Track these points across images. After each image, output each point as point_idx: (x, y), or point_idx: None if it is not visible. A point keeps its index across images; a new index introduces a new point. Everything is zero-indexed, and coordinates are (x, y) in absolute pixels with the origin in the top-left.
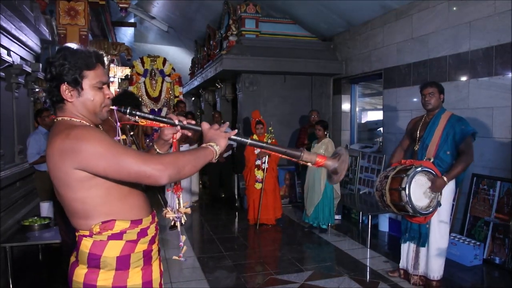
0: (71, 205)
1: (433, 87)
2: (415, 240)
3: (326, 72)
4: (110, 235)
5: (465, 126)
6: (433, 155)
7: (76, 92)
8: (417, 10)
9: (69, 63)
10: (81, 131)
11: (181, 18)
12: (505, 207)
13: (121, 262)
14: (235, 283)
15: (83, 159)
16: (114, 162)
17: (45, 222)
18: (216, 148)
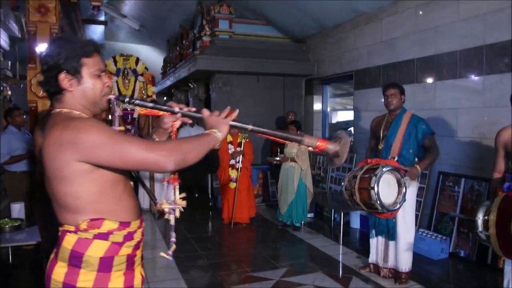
0: (63, 198)
1: (395, 88)
2: (384, 234)
3: (298, 73)
4: (96, 234)
5: (426, 126)
6: (397, 154)
7: (75, 81)
8: (386, 14)
9: (67, 51)
10: (80, 122)
11: (153, 17)
12: (469, 203)
13: (104, 263)
14: (212, 281)
15: (85, 150)
16: (117, 151)
17: (17, 223)
18: (218, 134)
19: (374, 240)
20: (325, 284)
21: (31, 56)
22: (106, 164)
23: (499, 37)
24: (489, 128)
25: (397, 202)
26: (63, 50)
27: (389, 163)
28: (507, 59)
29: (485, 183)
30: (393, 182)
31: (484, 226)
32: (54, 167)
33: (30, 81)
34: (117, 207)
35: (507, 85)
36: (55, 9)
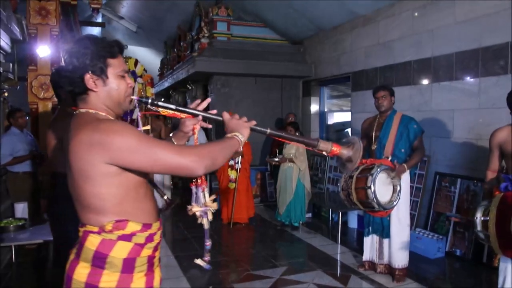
0: (87, 199)
1: (385, 90)
2: (378, 232)
3: (296, 74)
4: (120, 235)
5: (417, 126)
6: (390, 153)
7: (101, 81)
8: (383, 17)
9: (93, 52)
10: (110, 123)
11: (151, 19)
12: (465, 203)
13: (127, 264)
14: (213, 280)
15: (115, 152)
16: (149, 155)
17: (21, 223)
18: (241, 138)
19: (368, 238)
20: (324, 282)
21: (32, 58)
22: (134, 167)
23: (495, 40)
24: (485, 130)
25: (392, 200)
26: (89, 50)
27: (384, 163)
28: (503, 62)
29: (481, 184)
30: (388, 181)
31: (483, 225)
32: (81, 167)
33: (31, 83)
34: (139, 209)
35: (503, 87)
36: (56, 11)
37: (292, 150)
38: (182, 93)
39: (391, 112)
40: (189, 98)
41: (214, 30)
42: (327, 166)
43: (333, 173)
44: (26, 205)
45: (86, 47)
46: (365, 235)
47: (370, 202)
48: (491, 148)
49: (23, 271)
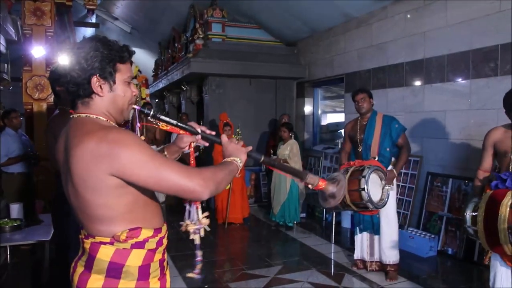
0: (95, 210)
1: (364, 93)
2: (369, 229)
3: (290, 76)
4: (133, 243)
5: (398, 125)
6: (377, 153)
7: (107, 86)
8: (376, 19)
9: (103, 54)
10: (120, 135)
11: (145, 20)
12: (457, 202)
13: (143, 271)
14: (209, 279)
15: (122, 166)
16: (156, 174)
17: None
18: (239, 163)
19: (359, 236)
20: (318, 281)
21: (27, 59)
22: (139, 184)
23: (485, 42)
24: (476, 130)
25: (383, 198)
26: (99, 52)
27: (372, 163)
28: (493, 64)
29: (472, 183)
30: (377, 180)
31: (472, 221)
32: (87, 178)
33: (26, 84)
34: (148, 214)
35: (493, 88)
36: (51, 12)
37: (286, 151)
38: (176, 94)
39: (372, 113)
40: (183, 99)
41: (209, 31)
42: (321, 166)
43: (326, 174)
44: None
45: (96, 49)
46: (356, 234)
47: (364, 203)
48: (485, 147)
49: (19, 272)
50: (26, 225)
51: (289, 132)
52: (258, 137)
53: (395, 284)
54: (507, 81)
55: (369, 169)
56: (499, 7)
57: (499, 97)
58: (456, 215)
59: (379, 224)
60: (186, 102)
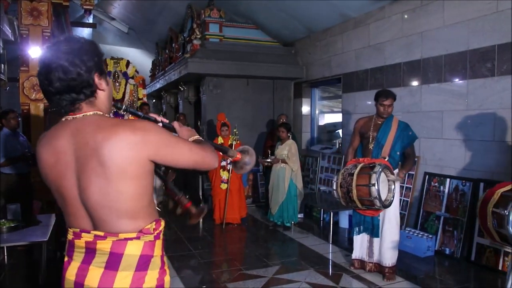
0: (125, 202)
1: (392, 98)
2: (368, 231)
3: (287, 76)
4: (156, 235)
5: (412, 133)
6: (388, 154)
7: (104, 81)
8: (374, 20)
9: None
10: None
11: (142, 20)
12: (454, 202)
13: (162, 259)
14: (206, 279)
15: (156, 148)
16: (182, 150)
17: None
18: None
19: (358, 237)
20: (317, 281)
21: (23, 59)
22: (167, 161)
23: (482, 43)
24: (473, 130)
25: (388, 199)
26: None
27: (382, 162)
28: (490, 64)
29: (469, 183)
30: (385, 180)
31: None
32: (127, 167)
33: (23, 84)
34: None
35: (490, 89)
36: (48, 12)
37: (284, 151)
38: (174, 94)
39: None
40: (181, 99)
41: (206, 31)
42: (319, 167)
43: (324, 174)
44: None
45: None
46: (355, 234)
47: (371, 200)
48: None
49: (16, 273)
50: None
51: (287, 132)
52: (255, 137)
53: (393, 284)
54: (504, 81)
55: (380, 166)
56: (496, 7)
57: (496, 98)
58: (454, 215)
59: (379, 227)
60: (183, 102)
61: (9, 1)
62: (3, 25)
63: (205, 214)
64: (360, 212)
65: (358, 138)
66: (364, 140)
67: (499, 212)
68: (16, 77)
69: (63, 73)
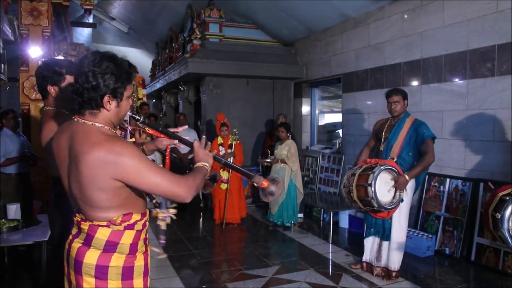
0: (97, 202)
1: (398, 95)
2: (379, 234)
3: (287, 76)
4: (126, 226)
5: (426, 130)
6: (397, 155)
7: (115, 103)
8: (373, 19)
9: (116, 76)
10: (122, 146)
11: (142, 20)
12: (454, 202)
13: (132, 248)
14: (206, 279)
15: (127, 173)
16: (153, 181)
17: (14, 224)
18: (208, 167)
19: (369, 239)
20: (316, 281)
21: (23, 59)
22: (138, 187)
23: (482, 43)
24: (473, 130)
25: (393, 201)
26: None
27: (388, 163)
28: (490, 64)
29: (469, 183)
30: (390, 181)
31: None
32: (95, 180)
33: (23, 84)
34: (138, 201)
35: (490, 89)
36: (48, 12)
37: (284, 151)
38: (174, 94)
39: (404, 115)
40: (181, 99)
41: (206, 31)
42: (319, 167)
43: (324, 174)
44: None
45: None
46: (366, 236)
47: (369, 201)
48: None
49: (16, 273)
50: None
51: (287, 132)
52: (255, 137)
53: (393, 284)
54: (504, 81)
55: (381, 167)
56: (496, 7)
57: (496, 97)
58: (454, 215)
59: (390, 230)
60: (183, 102)
61: (9, 1)
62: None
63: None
64: (372, 214)
65: (374, 139)
66: (378, 142)
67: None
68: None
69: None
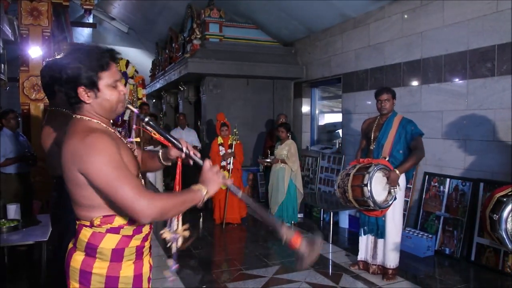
0: (77, 198)
1: (388, 93)
2: (373, 233)
3: (287, 76)
4: (108, 228)
5: (415, 128)
6: (388, 154)
7: (93, 94)
8: (373, 19)
9: (85, 66)
10: (96, 139)
11: (142, 20)
12: (454, 202)
13: (116, 254)
14: (207, 279)
15: (87, 169)
16: (113, 185)
17: (13, 224)
18: (204, 194)
19: (364, 237)
20: (316, 281)
21: (23, 59)
22: (96, 186)
23: (482, 43)
24: (473, 130)
25: (388, 200)
26: (82, 64)
27: (381, 162)
28: (490, 64)
29: (469, 183)
30: (384, 180)
31: None
32: (67, 172)
33: (23, 84)
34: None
35: (490, 89)
36: (48, 12)
37: (284, 151)
38: (174, 94)
39: (392, 113)
40: (181, 99)
41: (206, 31)
42: (319, 167)
43: (324, 174)
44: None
45: (78, 61)
46: (360, 235)
47: (365, 200)
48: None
49: (16, 273)
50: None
51: (287, 132)
52: (255, 137)
53: (392, 284)
54: (504, 81)
55: (375, 166)
56: (496, 7)
57: (496, 97)
58: (454, 215)
59: (384, 228)
60: (183, 102)
61: (9, 1)
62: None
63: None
64: (365, 212)
65: (364, 139)
66: (367, 141)
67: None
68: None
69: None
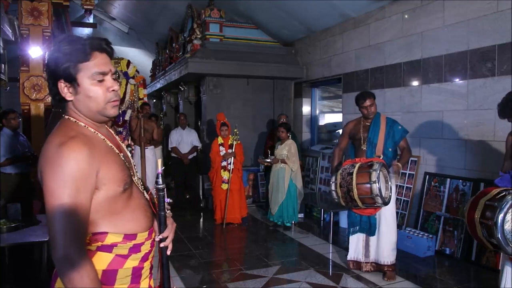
0: None
1: (371, 98)
2: (365, 231)
3: (287, 76)
4: (99, 246)
5: (401, 127)
6: (381, 152)
7: (73, 89)
8: (374, 19)
9: (64, 56)
10: (65, 151)
11: (143, 20)
12: (454, 202)
13: (107, 276)
14: (207, 279)
15: (44, 178)
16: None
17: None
18: None
19: (354, 236)
20: (316, 281)
21: (24, 59)
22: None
23: (483, 43)
24: (473, 130)
25: (387, 196)
26: (61, 55)
27: (378, 161)
28: (490, 64)
29: (470, 183)
30: (383, 177)
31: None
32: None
33: (23, 84)
34: (119, 221)
35: (490, 89)
36: (48, 12)
37: (284, 151)
38: (174, 94)
39: (376, 114)
40: (181, 99)
41: (206, 31)
42: (319, 167)
43: (324, 174)
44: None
45: (58, 51)
46: (350, 234)
47: (373, 198)
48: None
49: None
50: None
51: (287, 132)
52: (256, 137)
53: (393, 284)
54: (505, 81)
55: (379, 164)
56: (496, 7)
57: (496, 97)
58: (454, 215)
59: (376, 225)
60: (184, 102)
61: (10, 1)
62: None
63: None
64: (358, 211)
65: (347, 140)
66: (356, 142)
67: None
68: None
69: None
